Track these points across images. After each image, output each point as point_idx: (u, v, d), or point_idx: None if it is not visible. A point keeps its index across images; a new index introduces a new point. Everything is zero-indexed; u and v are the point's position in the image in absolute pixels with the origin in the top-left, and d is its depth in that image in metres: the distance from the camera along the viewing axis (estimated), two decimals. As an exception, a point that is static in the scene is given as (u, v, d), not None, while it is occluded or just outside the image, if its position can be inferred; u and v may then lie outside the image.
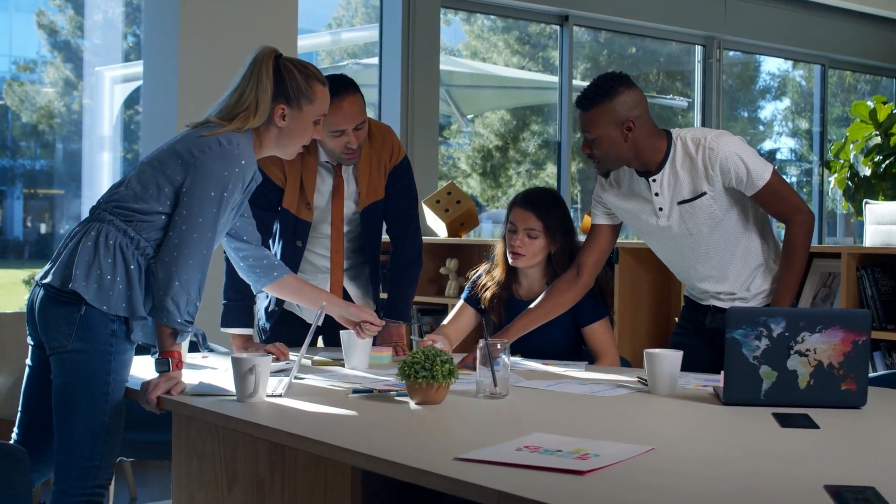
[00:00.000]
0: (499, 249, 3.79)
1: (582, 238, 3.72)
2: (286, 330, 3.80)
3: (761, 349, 2.70)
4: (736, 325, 2.70)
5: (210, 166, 2.90)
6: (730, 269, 3.41)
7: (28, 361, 3.08)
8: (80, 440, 2.87)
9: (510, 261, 3.70)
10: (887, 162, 8.63)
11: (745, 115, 10.82)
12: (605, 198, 3.53)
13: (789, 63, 10.30)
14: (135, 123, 7.25)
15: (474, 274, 3.89)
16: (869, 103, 8.79)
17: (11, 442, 3.07)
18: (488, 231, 8.17)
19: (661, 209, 3.39)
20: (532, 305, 3.58)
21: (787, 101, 10.80)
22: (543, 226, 3.65)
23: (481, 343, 2.87)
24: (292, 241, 3.71)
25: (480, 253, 6.16)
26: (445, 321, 3.86)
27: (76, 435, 2.87)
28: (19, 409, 3.10)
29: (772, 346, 2.69)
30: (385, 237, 3.94)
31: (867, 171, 8.42)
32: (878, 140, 8.77)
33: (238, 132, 2.98)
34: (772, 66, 10.46)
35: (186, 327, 2.87)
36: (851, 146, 8.65)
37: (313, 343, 3.84)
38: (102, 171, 7.10)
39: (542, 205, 3.67)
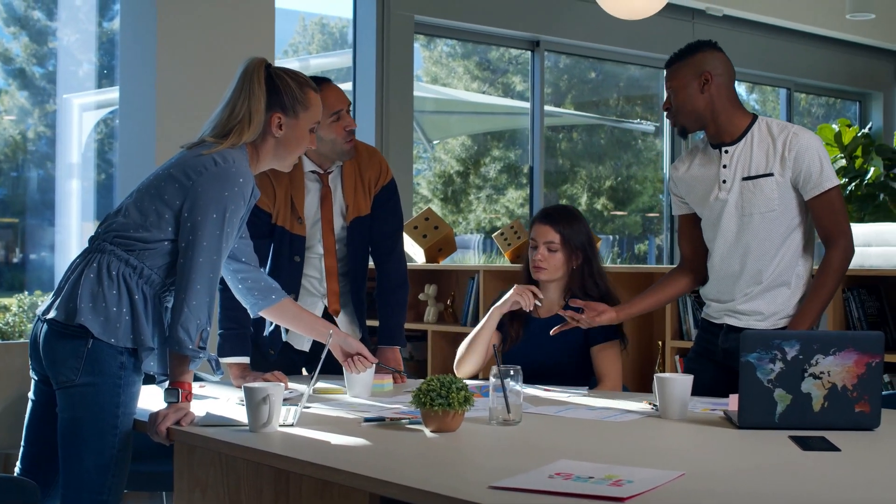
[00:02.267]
0: (522, 268, 3.87)
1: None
2: (284, 358, 3.78)
3: (776, 372, 2.71)
4: (750, 349, 2.71)
5: (208, 188, 2.86)
6: (764, 270, 3.40)
7: (31, 395, 3.03)
8: (88, 474, 2.83)
9: (532, 275, 3.75)
10: (853, 184, 8.75)
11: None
12: (677, 175, 3.59)
13: (742, 87, 10.41)
14: (108, 149, 7.18)
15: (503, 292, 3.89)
16: (834, 126, 8.91)
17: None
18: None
19: (724, 181, 3.42)
20: (647, 292, 3.69)
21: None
22: (562, 238, 3.72)
23: (494, 370, 2.85)
24: (290, 257, 3.69)
25: (459, 278, 6.16)
26: (466, 341, 3.86)
27: (85, 469, 2.83)
28: (23, 443, 3.04)
29: (786, 370, 2.70)
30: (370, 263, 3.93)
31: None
32: (843, 163, 8.90)
33: (233, 148, 2.94)
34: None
35: (198, 353, 2.83)
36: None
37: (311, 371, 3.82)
38: (71, 199, 7.03)
39: (560, 219, 3.74)
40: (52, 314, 2.87)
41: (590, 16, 8.13)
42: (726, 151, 3.42)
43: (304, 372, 3.97)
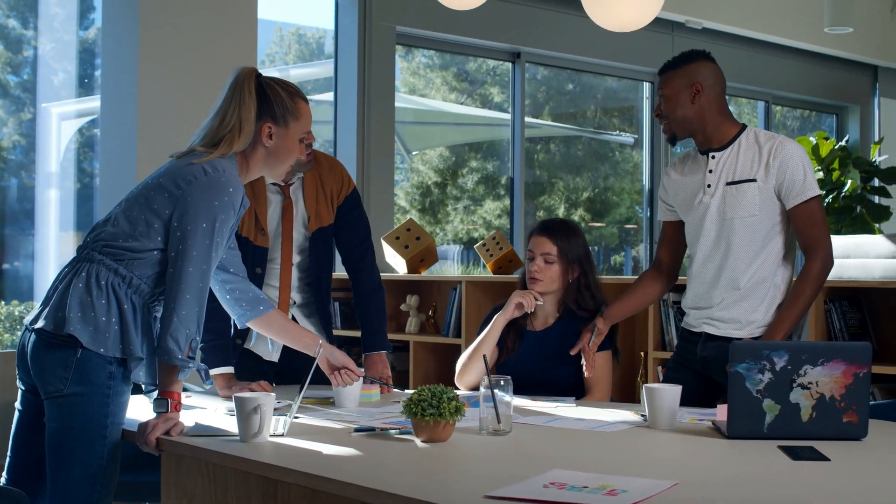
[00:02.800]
0: (519, 280, 3.88)
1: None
2: (245, 367, 3.77)
3: (764, 383, 2.72)
4: (739, 360, 2.73)
5: (198, 198, 2.84)
6: (741, 276, 3.43)
7: (18, 405, 3.01)
8: (76, 485, 2.81)
9: (528, 286, 3.78)
10: (830, 197, 8.81)
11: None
12: (668, 180, 3.65)
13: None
14: (84, 158, 7.15)
15: (491, 311, 3.91)
16: (811, 139, 8.97)
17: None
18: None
19: (709, 185, 3.47)
20: (621, 298, 3.72)
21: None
22: (559, 250, 3.74)
23: (484, 380, 2.86)
24: (252, 268, 3.67)
25: (441, 289, 6.17)
26: (464, 356, 3.87)
27: (73, 479, 2.81)
28: (9, 453, 3.02)
29: (774, 380, 2.72)
30: (342, 274, 3.96)
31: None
32: (820, 175, 8.95)
33: (223, 158, 2.93)
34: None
35: (187, 363, 2.82)
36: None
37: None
38: (50, 208, 7.00)
39: (558, 232, 3.77)
40: (40, 324, 2.85)
41: (570, 28, 8.17)
42: (713, 157, 3.48)
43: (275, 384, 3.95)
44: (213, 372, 3.59)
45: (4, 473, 3.04)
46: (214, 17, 5.69)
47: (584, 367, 3.61)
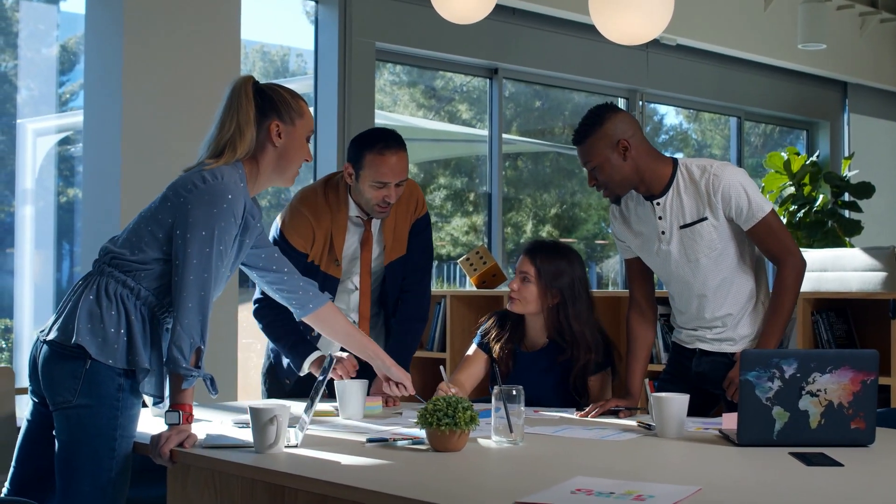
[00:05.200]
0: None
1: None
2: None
3: (774, 390, 2.76)
4: (749, 368, 2.76)
5: (196, 205, 2.84)
6: (723, 304, 3.47)
7: (27, 416, 3.00)
8: (85, 497, 2.80)
9: (507, 305, 3.74)
10: (802, 211, 8.92)
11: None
12: (618, 230, 3.62)
13: (680, 117, 10.56)
14: (61, 175, 7.10)
15: (484, 320, 3.89)
16: (783, 154, 9.08)
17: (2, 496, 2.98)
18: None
19: (663, 233, 3.45)
20: (629, 366, 3.64)
21: (687, 154, 11.06)
22: (536, 272, 3.66)
23: (496, 389, 2.88)
24: None
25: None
26: (458, 370, 3.85)
27: (82, 492, 2.80)
28: (13, 464, 3.01)
29: (784, 388, 2.76)
30: None
31: (783, 221, 8.66)
32: (791, 190, 9.07)
33: (227, 165, 2.92)
34: (671, 119, 10.71)
35: (191, 372, 2.81)
36: (767, 196, 8.91)
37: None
38: (25, 224, 6.95)
39: (539, 253, 3.70)
40: (51, 335, 2.85)
41: (548, 44, 8.23)
42: (658, 203, 3.45)
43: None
44: (306, 362, 3.57)
45: (7, 484, 3.02)
46: (198, 35, 5.68)
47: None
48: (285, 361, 3.72)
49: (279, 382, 3.82)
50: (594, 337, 3.68)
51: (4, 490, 3.03)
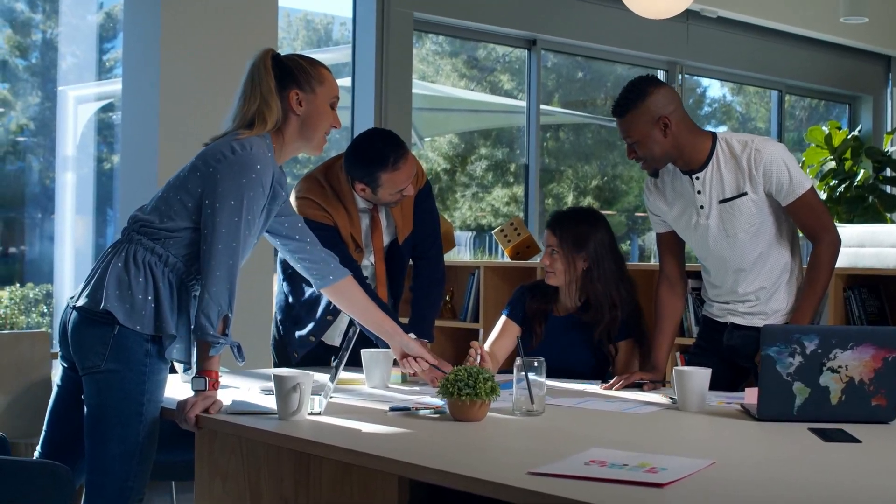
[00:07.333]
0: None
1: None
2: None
3: (795, 366, 2.77)
4: (771, 343, 2.77)
5: (226, 175, 2.88)
6: (758, 278, 3.48)
7: (57, 381, 3.06)
8: (113, 461, 2.85)
9: (546, 279, 3.79)
10: (842, 186, 8.84)
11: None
12: (653, 204, 3.62)
13: (724, 90, 10.48)
14: (102, 142, 7.18)
15: (517, 290, 3.94)
16: (824, 129, 9.00)
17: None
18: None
19: (702, 207, 3.45)
20: (656, 338, 3.65)
21: (731, 127, 10.99)
22: (559, 242, 3.72)
23: (518, 361, 2.90)
24: None
25: (458, 274, 6.21)
26: (490, 339, 3.89)
27: (110, 456, 2.85)
28: (45, 428, 3.07)
29: (805, 363, 2.76)
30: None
31: (823, 196, 8.60)
32: (832, 165, 8.98)
33: (257, 136, 2.96)
34: (715, 92, 10.63)
35: (219, 339, 2.86)
36: (808, 171, 8.83)
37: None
38: (66, 191, 7.04)
39: (558, 223, 3.75)
40: (80, 301, 2.90)
41: (586, 15, 8.19)
42: (697, 178, 3.45)
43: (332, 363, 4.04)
44: None
45: (39, 447, 3.08)
46: (235, 3, 5.72)
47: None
48: (297, 332, 3.77)
49: (286, 355, 3.89)
50: (620, 296, 3.72)
51: (36, 453, 3.09)
